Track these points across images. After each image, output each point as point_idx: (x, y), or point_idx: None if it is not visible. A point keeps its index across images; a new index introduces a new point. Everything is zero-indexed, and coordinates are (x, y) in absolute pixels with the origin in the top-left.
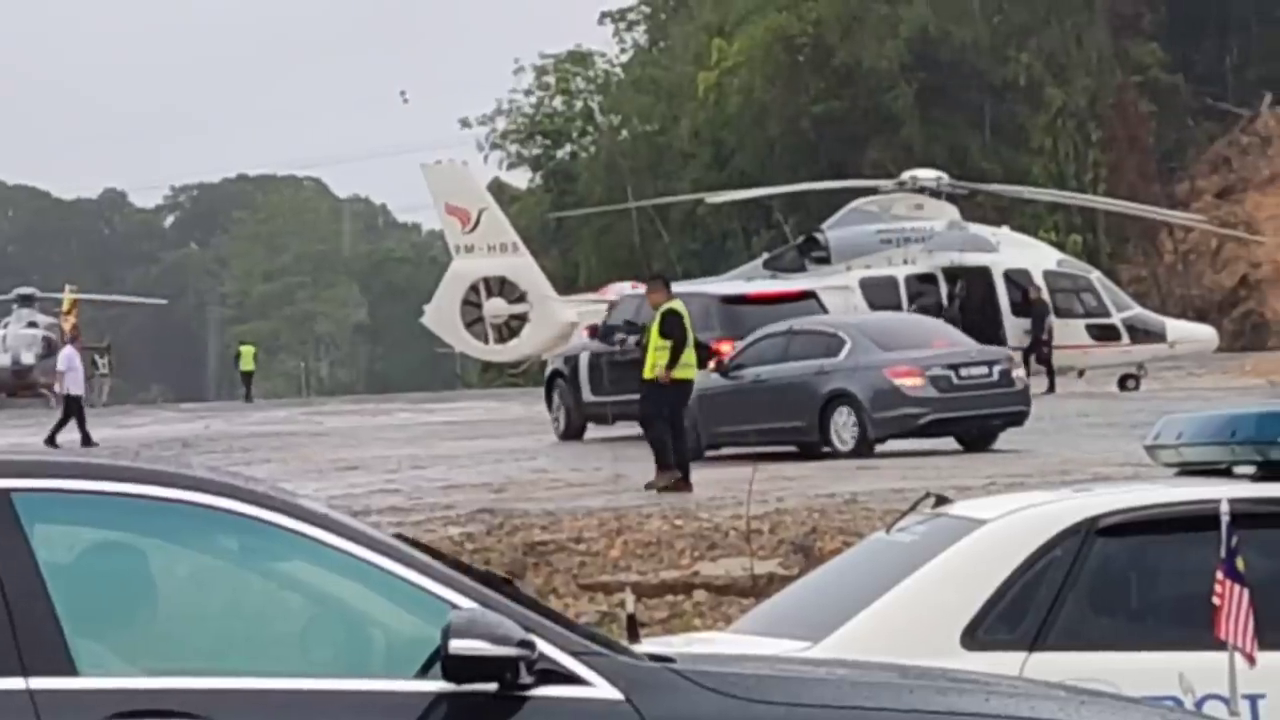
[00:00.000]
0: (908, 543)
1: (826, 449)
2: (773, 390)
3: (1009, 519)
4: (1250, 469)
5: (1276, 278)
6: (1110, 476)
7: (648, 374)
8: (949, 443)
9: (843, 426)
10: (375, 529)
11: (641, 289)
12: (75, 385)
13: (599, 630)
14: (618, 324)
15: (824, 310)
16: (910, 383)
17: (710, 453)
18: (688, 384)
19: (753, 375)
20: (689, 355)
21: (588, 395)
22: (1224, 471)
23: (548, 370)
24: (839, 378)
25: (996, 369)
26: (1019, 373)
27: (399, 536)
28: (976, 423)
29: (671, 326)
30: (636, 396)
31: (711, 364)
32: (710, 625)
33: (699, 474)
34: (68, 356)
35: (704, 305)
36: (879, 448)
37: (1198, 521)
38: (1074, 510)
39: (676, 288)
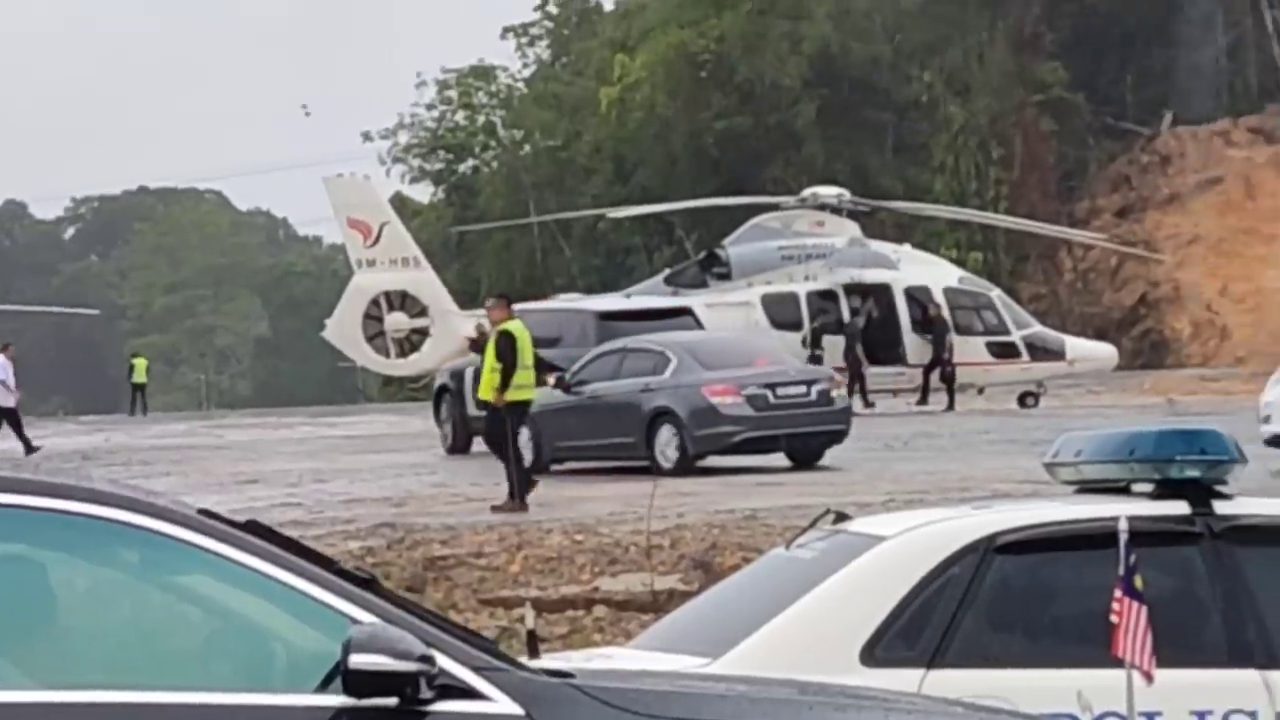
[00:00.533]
0: (807, 559)
1: (650, 464)
2: (606, 407)
3: (908, 536)
4: (1148, 487)
5: (1175, 297)
6: (1010, 494)
7: (483, 395)
8: (847, 459)
9: (666, 443)
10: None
11: (583, 301)
12: (4, 397)
13: (499, 646)
14: None
15: (700, 326)
16: (727, 401)
17: (555, 467)
18: (523, 405)
19: (590, 391)
20: (522, 377)
21: (472, 409)
22: (1122, 489)
23: (435, 384)
24: (663, 395)
25: (815, 389)
26: (839, 392)
27: (294, 544)
28: (794, 440)
29: (504, 348)
30: None
31: (551, 379)
32: (610, 641)
33: (591, 488)
34: (2, 365)
35: (582, 321)
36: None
37: (1096, 539)
38: (973, 528)
39: (559, 302)
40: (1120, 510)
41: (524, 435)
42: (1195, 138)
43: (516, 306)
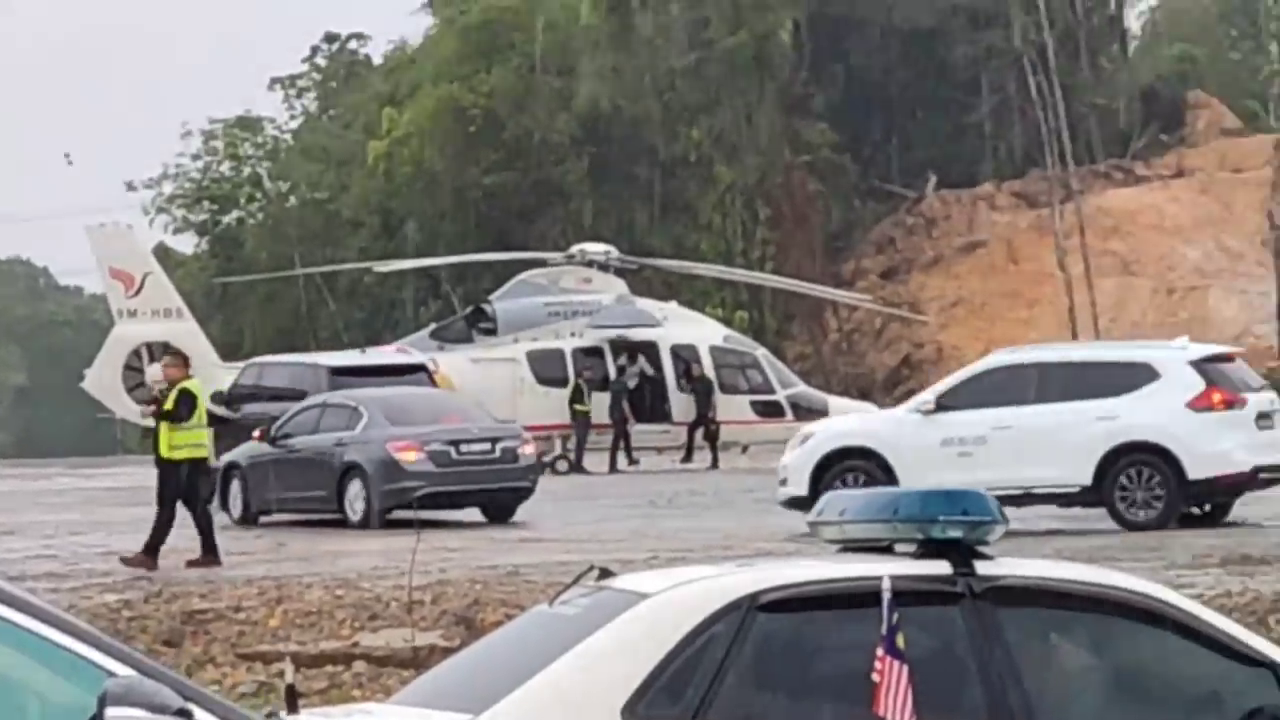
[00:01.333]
0: (571, 615)
1: (342, 518)
2: (304, 460)
3: (670, 593)
4: (912, 546)
5: (939, 358)
6: (772, 552)
7: (163, 453)
8: (611, 515)
9: (354, 497)
10: (31, 594)
11: (319, 357)
12: None
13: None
14: (244, 390)
15: (433, 383)
16: (409, 457)
17: (264, 519)
18: (196, 463)
19: (291, 445)
20: (193, 436)
21: (212, 460)
22: (885, 549)
23: None
24: (353, 450)
25: (500, 446)
26: (526, 450)
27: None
28: (479, 496)
29: (183, 407)
30: None
31: (256, 432)
32: (370, 696)
33: (352, 542)
34: None
35: (315, 376)
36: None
37: (860, 598)
38: (735, 585)
39: (294, 357)
40: (883, 569)
41: (234, 487)
42: (959, 201)
43: (257, 359)
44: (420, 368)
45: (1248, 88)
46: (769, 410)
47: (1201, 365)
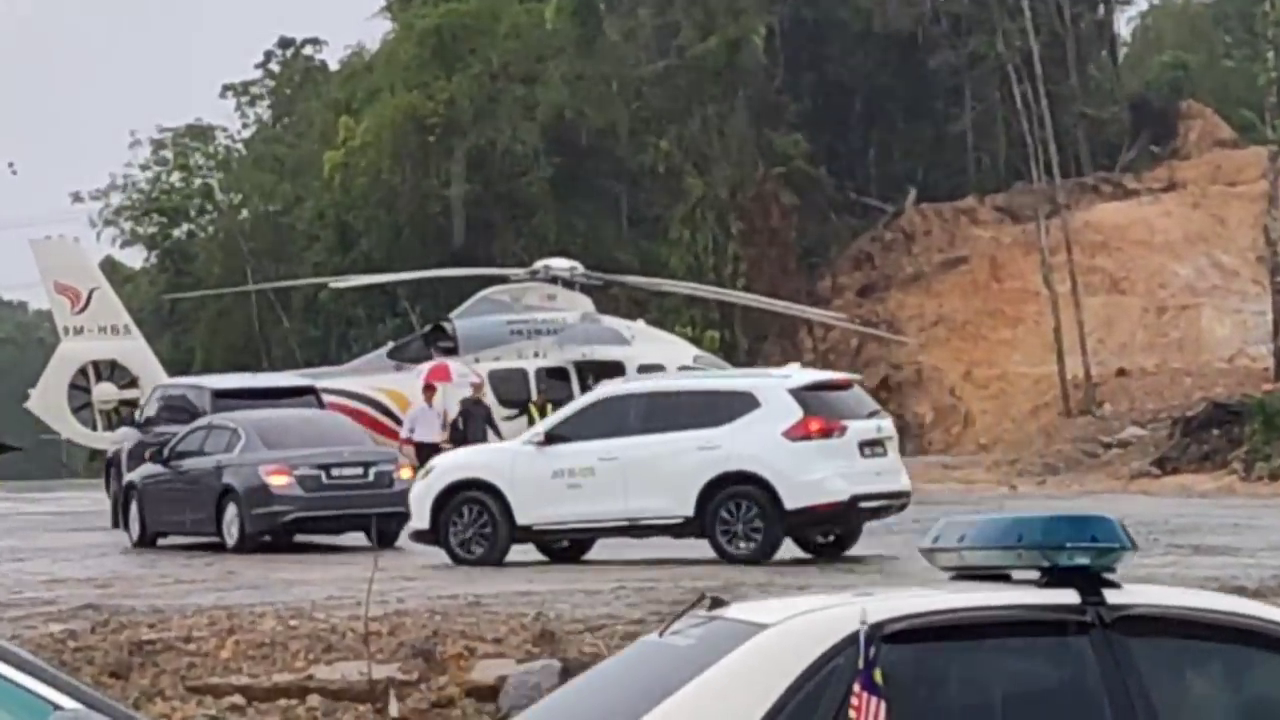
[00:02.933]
0: (684, 647)
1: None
2: (188, 482)
3: (790, 624)
4: (1035, 574)
5: (918, 379)
6: (743, 583)
7: None
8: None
9: (230, 521)
10: None
11: (204, 380)
12: None
13: None
14: (155, 413)
15: (322, 405)
16: (278, 481)
17: (161, 540)
18: None
19: (180, 466)
20: None
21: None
22: (1003, 577)
23: (108, 455)
24: (229, 473)
25: (374, 470)
26: (402, 474)
27: None
28: (350, 521)
29: None
30: None
31: (148, 454)
32: None
33: (307, 571)
34: None
35: (200, 397)
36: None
37: (984, 628)
38: (856, 615)
39: (186, 380)
40: (1007, 598)
41: (133, 509)
42: (940, 215)
43: (161, 382)
44: (309, 390)
45: (1243, 97)
46: None
47: (801, 393)
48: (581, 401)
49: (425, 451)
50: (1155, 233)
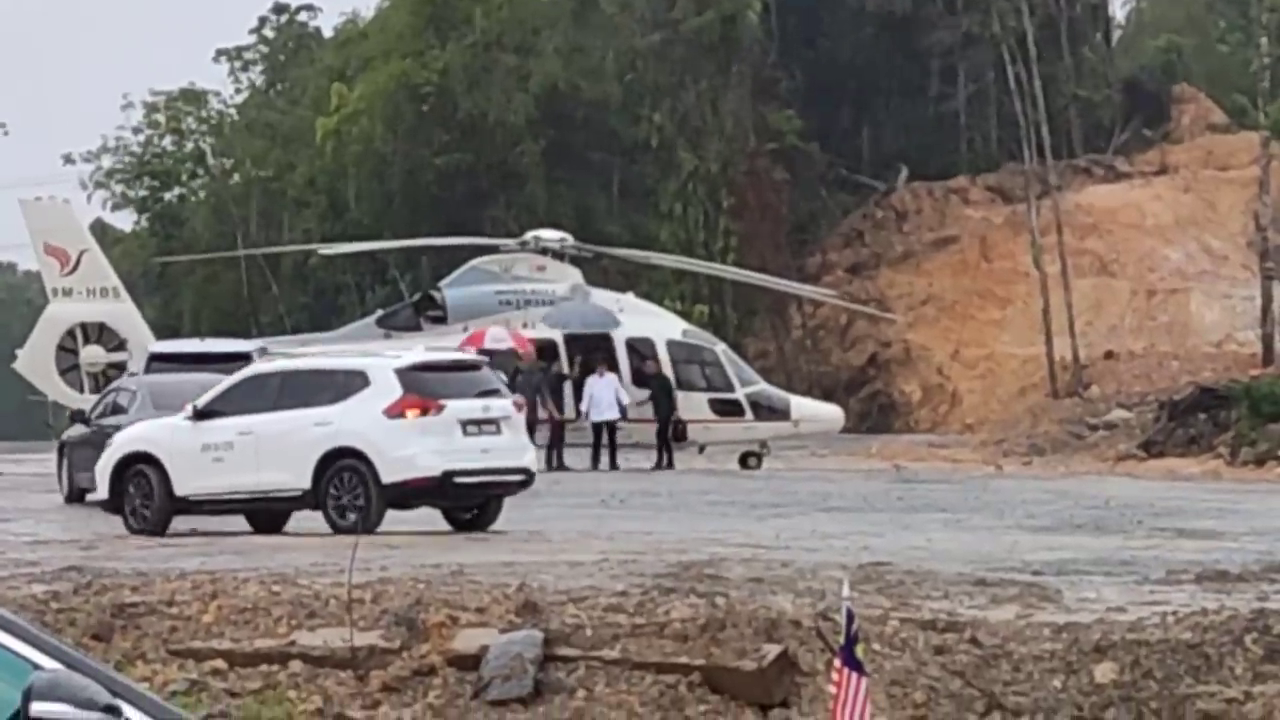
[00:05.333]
0: None
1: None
2: (96, 441)
3: None
4: None
5: (906, 359)
6: (727, 557)
7: None
8: (559, 515)
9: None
10: None
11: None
12: None
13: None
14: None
15: None
16: None
17: (91, 498)
18: None
19: (99, 425)
20: None
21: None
22: None
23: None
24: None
25: None
26: None
27: None
28: None
29: None
30: None
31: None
32: (306, 698)
33: (291, 538)
34: None
35: (142, 359)
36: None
37: None
38: None
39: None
40: None
41: (64, 465)
42: (931, 194)
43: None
44: (246, 356)
45: (1236, 82)
46: (728, 409)
47: (405, 373)
48: (230, 379)
49: None
50: (1146, 216)
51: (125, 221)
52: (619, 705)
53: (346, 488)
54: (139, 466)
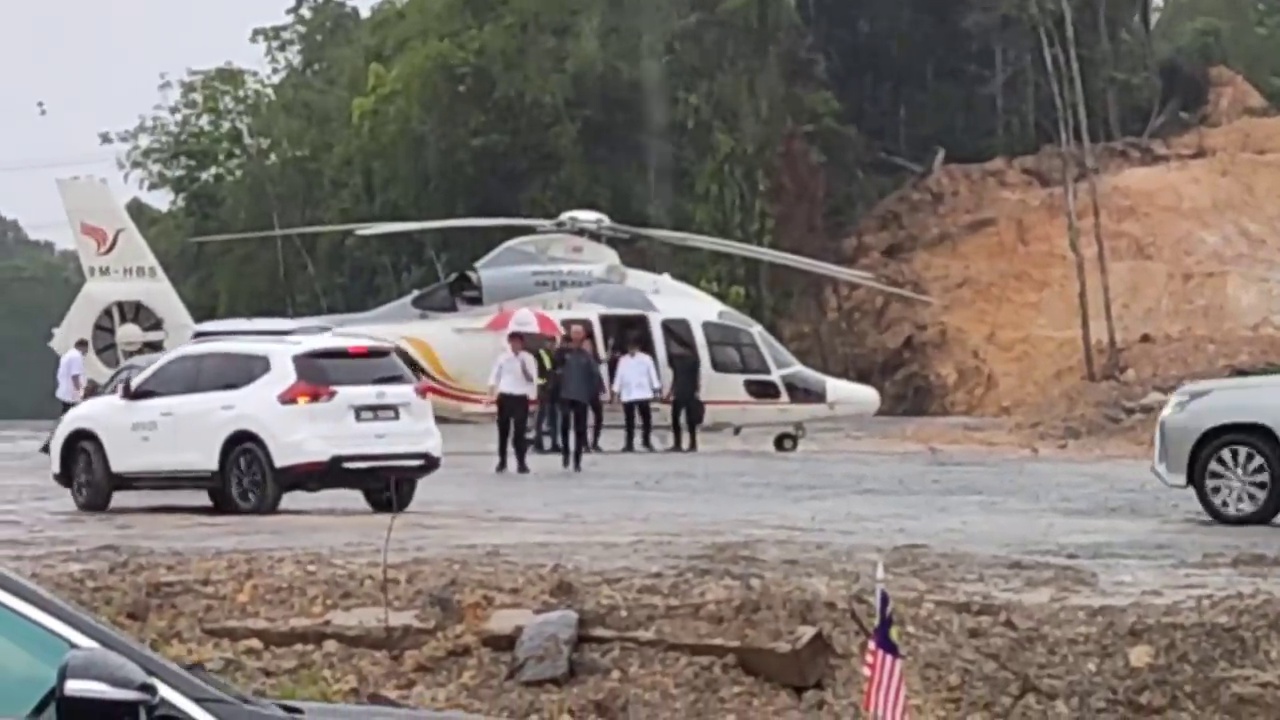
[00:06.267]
0: None
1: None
2: None
3: None
4: None
5: (942, 341)
6: (762, 539)
7: None
8: (596, 496)
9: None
10: None
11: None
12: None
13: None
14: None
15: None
16: None
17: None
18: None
19: None
20: None
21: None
22: None
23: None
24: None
25: None
26: None
27: None
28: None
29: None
30: None
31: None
32: (341, 677)
33: (327, 517)
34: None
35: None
36: None
37: None
38: None
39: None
40: None
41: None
42: (968, 177)
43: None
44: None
45: (1274, 65)
46: (763, 391)
47: (301, 359)
48: (160, 360)
49: (509, 403)
50: (1183, 199)
51: (162, 201)
52: (653, 686)
53: (246, 471)
54: (83, 444)
